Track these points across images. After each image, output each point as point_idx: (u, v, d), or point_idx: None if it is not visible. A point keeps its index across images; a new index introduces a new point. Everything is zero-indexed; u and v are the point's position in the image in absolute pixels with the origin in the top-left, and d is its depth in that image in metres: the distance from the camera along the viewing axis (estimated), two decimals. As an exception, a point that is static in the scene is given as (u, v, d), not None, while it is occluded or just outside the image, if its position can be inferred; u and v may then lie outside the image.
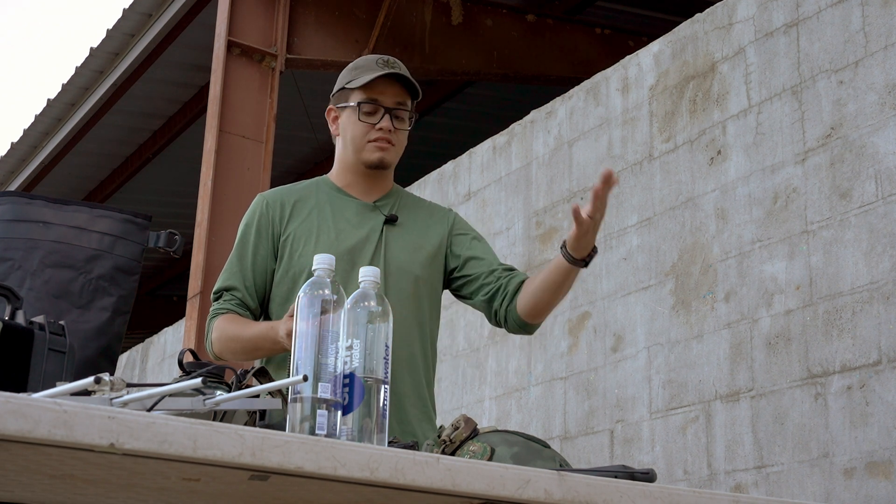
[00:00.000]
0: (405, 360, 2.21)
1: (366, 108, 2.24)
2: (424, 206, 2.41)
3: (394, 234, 2.28)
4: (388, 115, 2.25)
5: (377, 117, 2.24)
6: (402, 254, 2.26)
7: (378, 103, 2.24)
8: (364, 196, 2.31)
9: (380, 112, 2.24)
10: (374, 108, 2.25)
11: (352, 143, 2.27)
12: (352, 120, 2.26)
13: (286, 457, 1.14)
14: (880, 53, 3.05)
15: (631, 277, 3.75)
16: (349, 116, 2.27)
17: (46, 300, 2.01)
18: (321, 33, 5.41)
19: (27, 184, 7.65)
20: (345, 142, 2.30)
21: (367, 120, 2.24)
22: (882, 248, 2.93)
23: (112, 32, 5.99)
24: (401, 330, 2.20)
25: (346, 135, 2.28)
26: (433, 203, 2.46)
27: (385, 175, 2.33)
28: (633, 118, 3.91)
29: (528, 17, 6.14)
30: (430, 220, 2.36)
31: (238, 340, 2.18)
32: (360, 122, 2.24)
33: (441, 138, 7.26)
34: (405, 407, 2.20)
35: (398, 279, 2.23)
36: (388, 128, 2.24)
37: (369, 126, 2.24)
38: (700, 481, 3.29)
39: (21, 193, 2.14)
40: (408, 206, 2.35)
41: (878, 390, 2.85)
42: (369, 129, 2.24)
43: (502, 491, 1.30)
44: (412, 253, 2.27)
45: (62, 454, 1.06)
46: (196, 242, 4.73)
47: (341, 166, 2.33)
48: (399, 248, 2.26)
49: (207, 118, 4.96)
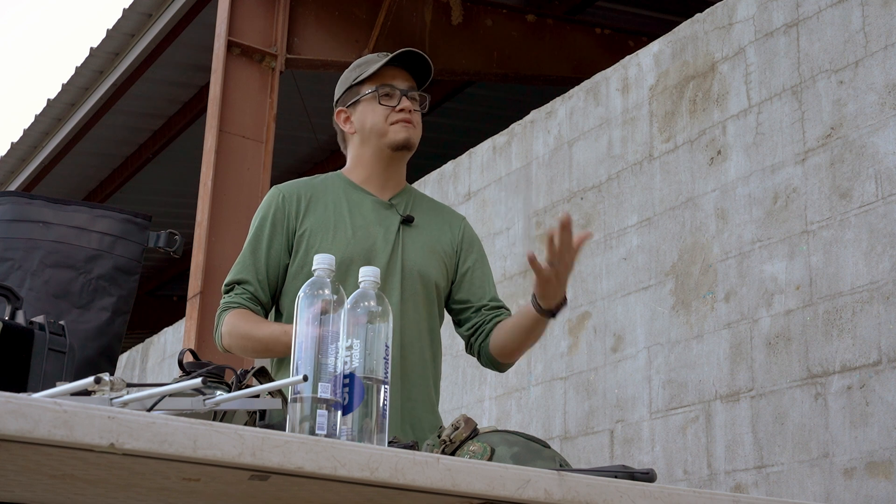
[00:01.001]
0: (418, 366, 2.21)
1: (383, 91, 2.26)
2: (438, 207, 2.42)
3: (410, 235, 2.28)
4: (404, 97, 2.27)
5: (395, 100, 2.26)
6: (417, 256, 2.26)
7: (393, 87, 2.27)
8: (380, 192, 2.30)
9: (397, 95, 2.27)
10: (391, 91, 2.27)
11: (373, 131, 2.27)
12: (370, 108, 2.27)
13: (286, 457, 1.14)
14: (880, 53, 3.05)
15: (631, 277, 3.75)
16: (366, 106, 2.28)
17: (46, 300, 2.01)
18: (321, 33, 5.41)
19: (27, 184, 7.65)
20: (364, 134, 2.29)
21: (388, 103, 2.26)
22: (882, 248, 2.93)
23: (112, 32, 5.99)
24: (412, 333, 2.21)
25: (366, 125, 2.28)
26: (445, 206, 2.47)
27: (402, 168, 2.34)
28: (633, 118, 3.91)
29: (528, 17, 6.14)
30: (443, 225, 2.36)
31: (250, 339, 2.16)
32: (380, 105, 2.26)
33: (441, 138, 7.26)
34: (419, 414, 2.19)
35: (413, 282, 2.23)
36: (409, 108, 2.27)
37: (389, 109, 2.26)
38: (700, 481, 3.29)
39: (21, 193, 2.14)
40: (422, 206, 2.36)
41: (878, 390, 2.85)
42: (389, 111, 2.26)
43: (502, 491, 1.30)
44: (427, 256, 2.27)
45: (62, 454, 1.06)
46: (196, 242, 4.73)
47: (358, 161, 2.33)
48: (415, 251, 2.26)
49: (207, 118, 4.96)
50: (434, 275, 2.27)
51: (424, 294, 2.25)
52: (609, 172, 3.96)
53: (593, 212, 3.97)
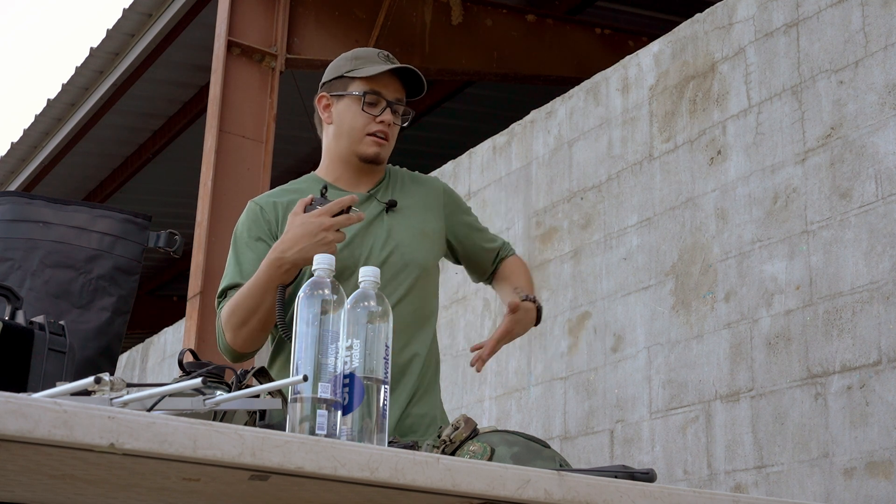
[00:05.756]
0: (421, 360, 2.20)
1: (370, 98, 2.22)
2: (417, 181, 2.37)
3: (397, 220, 2.24)
4: (389, 109, 2.23)
5: (378, 109, 2.22)
6: (408, 241, 2.23)
7: (381, 96, 2.23)
8: (355, 188, 2.26)
9: (381, 104, 2.22)
10: (377, 99, 2.22)
11: (349, 134, 2.24)
12: (352, 110, 2.23)
13: (286, 457, 1.14)
14: (880, 53, 3.05)
15: (631, 277, 3.75)
16: (349, 106, 2.24)
17: (46, 300, 2.01)
18: (321, 33, 5.41)
19: (27, 184, 7.65)
20: (339, 131, 2.26)
21: (370, 111, 2.22)
22: (882, 248, 2.93)
23: (112, 32, 5.99)
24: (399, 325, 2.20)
25: (343, 124, 2.25)
26: (423, 176, 2.42)
27: (377, 168, 2.31)
28: (633, 118, 3.91)
29: (528, 17, 6.14)
30: (427, 200, 2.33)
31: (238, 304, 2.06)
32: (362, 112, 2.22)
33: (441, 138, 7.26)
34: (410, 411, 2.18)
35: (407, 273, 2.21)
36: (390, 121, 2.23)
37: (370, 118, 2.22)
38: (700, 481, 3.29)
39: (21, 193, 2.14)
40: (402, 186, 2.32)
41: (878, 390, 2.85)
42: (370, 120, 2.22)
43: (502, 491, 1.30)
44: (418, 239, 2.25)
45: (62, 454, 1.06)
46: (196, 242, 4.73)
47: (331, 158, 2.30)
48: (406, 238, 2.23)
49: (207, 118, 4.96)
50: (427, 257, 2.25)
51: (420, 279, 2.22)
52: (609, 172, 3.96)
53: (593, 212, 3.97)
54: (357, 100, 2.22)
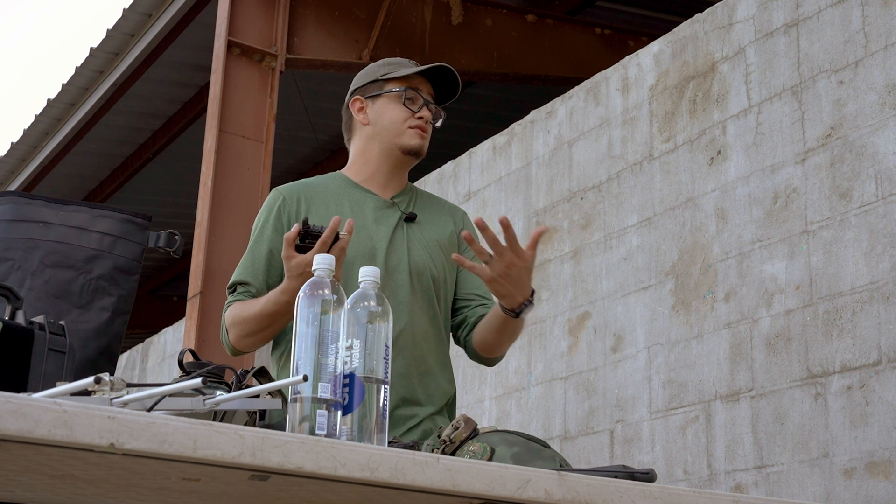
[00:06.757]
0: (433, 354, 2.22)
1: (409, 94, 2.30)
2: (439, 203, 2.43)
3: (414, 232, 2.29)
4: (426, 106, 2.32)
5: (417, 105, 2.30)
6: (423, 252, 2.27)
7: (419, 93, 2.31)
8: (382, 191, 2.31)
9: (419, 101, 2.31)
10: (415, 96, 2.31)
11: (390, 129, 2.29)
12: (391, 106, 2.30)
13: (286, 457, 1.14)
14: (880, 53, 3.05)
15: (631, 277, 3.75)
16: (387, 104, 2.30)
17: (46, 300, 2.01)
18: (321, 33, 5.41)
19: (27, 184, 7.65)
20: (377, 129, 2.31)
21: (410, 106, 2.30)
22: (882, 248, 2.93)
23: (112, 32, 5.99)
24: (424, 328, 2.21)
25: (383, 120, 2.30)
26: (446, 201, 2.48)
27: (405, 171, 2.36)
28: (633, 118, 3.91)
29: (528, 17, 6.14)
30: (446, 220, 2.38)
31: (249, 315, 2.13)
32: (403, 107, 2.29)
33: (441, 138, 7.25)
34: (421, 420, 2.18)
35: (420, 278, 2.24)
36: (428, 118, 2.31)
37: (410, 112, 2.29)
38: (700, 481, 3.29)
39: (21, 193, 2.14)
40: (423, 203, 2.37)
41: (878, 390, 2.85)
42: (410, 115, 2.29)
43: (502, 491, 1.30)
44: (432, 251, 2.29)
45: (62, 454, 1.06)
46: (196, 242, 4.73)
47: (363, 159, 2.34)
48: (420, 247, 2.27)
49: (207, 118, 4.96)
50: (440, 270, 2.28)
51: (433, 289, 2.26)
52: (609, 172, 3.96)
53: (593, 212, 3.97)
54: (397, 97, 2.30)
